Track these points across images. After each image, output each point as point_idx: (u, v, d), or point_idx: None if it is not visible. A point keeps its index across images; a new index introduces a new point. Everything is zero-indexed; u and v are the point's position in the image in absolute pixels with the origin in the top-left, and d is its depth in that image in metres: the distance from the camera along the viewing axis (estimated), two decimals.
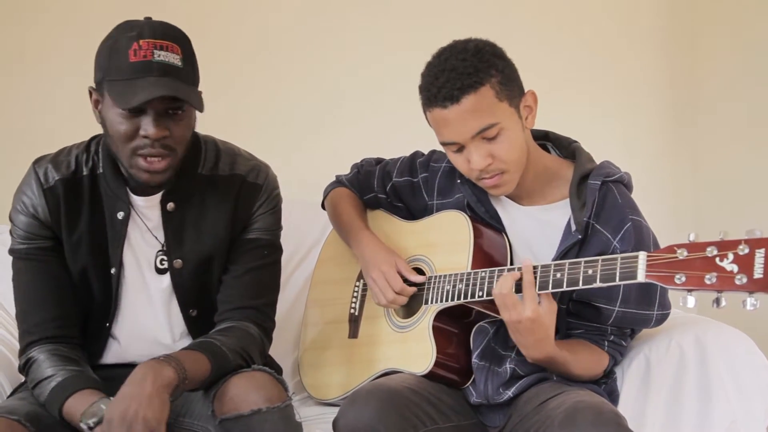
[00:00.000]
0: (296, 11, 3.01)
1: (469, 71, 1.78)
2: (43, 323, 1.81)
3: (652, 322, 1.89)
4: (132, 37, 1.69)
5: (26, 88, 2.84)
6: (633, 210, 1.86)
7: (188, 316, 1.91)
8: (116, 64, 1.69)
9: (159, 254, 1.87)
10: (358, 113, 3.02)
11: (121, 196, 1.83)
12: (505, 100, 1.81)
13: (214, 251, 1.88)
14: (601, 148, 2.09)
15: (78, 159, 1.85)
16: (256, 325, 1.89)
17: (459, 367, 1.95)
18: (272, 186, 1.93)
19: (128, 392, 1.63)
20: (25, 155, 1.91)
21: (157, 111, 1.70)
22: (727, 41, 3.21)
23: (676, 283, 1.55)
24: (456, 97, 1.77)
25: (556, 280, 1.73)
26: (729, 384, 1.92)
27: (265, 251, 1.92)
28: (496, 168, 1.83)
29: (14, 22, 2.83)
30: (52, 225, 1.82)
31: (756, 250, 1.47)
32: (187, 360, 1.72)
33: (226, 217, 1.88)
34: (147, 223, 1.86)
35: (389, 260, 2.00)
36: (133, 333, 1.91)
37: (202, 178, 1.87)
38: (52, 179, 1.82)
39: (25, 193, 1.83)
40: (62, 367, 1.75)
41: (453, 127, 1.81)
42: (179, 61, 1.71)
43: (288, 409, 1.72)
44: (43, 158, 1.86)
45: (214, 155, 1.90)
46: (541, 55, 3.04)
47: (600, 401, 1.75)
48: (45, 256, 1.83)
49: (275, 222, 1.95)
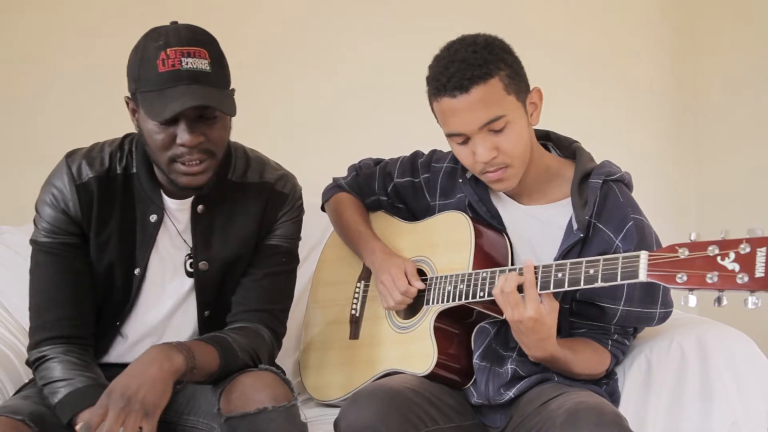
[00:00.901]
0: (296, 14, 3.01)
1: (479, 62, 1.78)
2: (59, 321, 1.81)
3: (655, 320, 1.89)
4: (159, 47, 1.70)
5: (26, 88, 2.84)
6: (634, 209, 1.86)
7: (202, 317, 1.93)
8: (146, 75, 1.70)
9: (188, 258, 1.89)
10: (359, 114, 3.02)
11: (155, 199, 1.85)
12: (512, 93, 1.81)
13: (240, 255, 1.91)
14: (602, 148, 2.09)
15: (112, 157, 1.85)
16: (268, 328, 1.91)
17: (460, 367, 1.95)
18: (297, 196, 1.98)
19: (135, 370, 1.65)
20: (25, 155, 1.91)
21: (190, 118, 1.71)
22: (729, 41, 3.21)
23: (678, 282, 1.55)
24: (465, 87, 1.77)
25: (558, 280, 1.73)
26: (730, 385, 1.92)
27: (284, 258, 1.96)
28: (500, 161, 1.83)
29: (14, 22, 2.83)
30: (81, 221, 1.82)
31: (757, 248, 1.47)
32: (198, 350, 1.74)
33: (253, 223, 1.90)
34: (177, 226, 1.87)
35: (398, 263, 2.01)
36: (142, 332, 1.92)
37: (231, 185, 1.90)
38: (86, 176, 1.82)
39: (56, 186, 1.82)
40: (78, 372, 1.76)
41: (461, 117, 1.80)
42: (208, 66, 1.71)
43: (294, 408, 1.73)
44: (75, 152, 1.85)
45: (243, 162, 1.93)
46: (543, 56, 3.03)
47: (601, 402, 1.75)
48: (68, 252, 1.82)
49: (296, 231, 1.99)
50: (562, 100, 2.96)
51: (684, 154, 3.33)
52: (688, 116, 3.32)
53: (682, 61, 3.31)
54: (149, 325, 1.91)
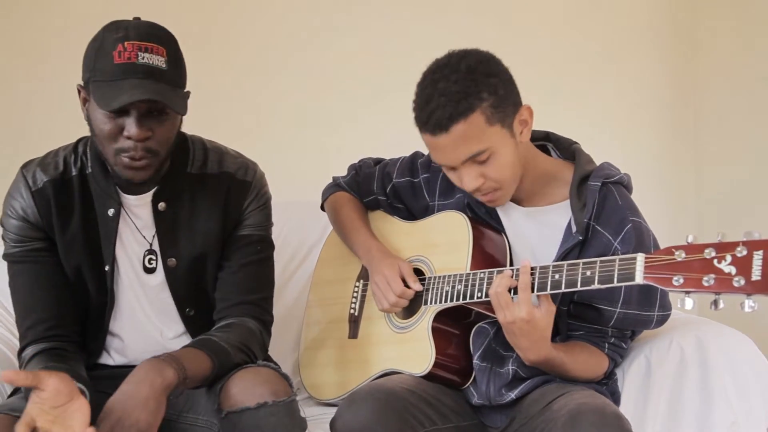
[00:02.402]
0: (290, 9, 3.01)
1: (460, 97, 1.75)
2: (38, 324, 1.82)
3: (653, 323, 1.89)
4: (117, 39, 1.70)
5: (25, 89, 2.84)
6: (633, 211, 1.86)
7: (185, 315, 1.92)
8: (101, 65, 1.70)
9: (147, 254, 1.89)
10: (359, 113, 3.02)
11: (111, 194, 1.84)
12: (496, 123, 1.78)
13: (208, 249, 1.89)
14: (601, 149, 2.09)
15: (66, 160, 1.86)
16: (254, 319, 1.90)
17: (458, 367, 1.95)
18: (261, 183, 1.95)
19: (126, 390, 1.64)
20: (24, 156, 1.92)
21: (140, 112, 1.71)
22: (728, 41, 3.21)
23: (674, 284, 1.54)
24: (445, 126, 1.76)
25: (555, 282, 1.72)
26: (730, 385, 1.92)
27: (258, 246, 1.94)
28: (488, 187, 1.84)
29: (13, 21, 2.83)
30: (43, 226, 1.83)
31: (754, 251, 1.47)
32: (188, 359, 1.73)
33: (217, 215, 1.89)
34: (136, 222, 1.87)
35: (393, 264, 2.00)
36: (133, 330, 1.92)
37: (191, 177, 1.89)
38: (41, 181, 1.83)
39: (14, 198, 1.84)
40: (47, 363, 1.75)
41: (443, 153, 1.81)
42: (164, 63, 1.71)
43: (293, 404, 1.73)
44: (30, 162, 1.87)
45: (202, 154, 1.91)
46: (542, 56, 3.04)
47: (603, 403, 1.74)
48: (38, 257, 1.84)
49: (266, 218, 1.97)
50: (561, 100, 2.96)
51: (683, 155, 3.33)
52: (688, 117, 3.31)
53: (682, 61, 3.30)
54: (136, 322, 1.91)
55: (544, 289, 1.74)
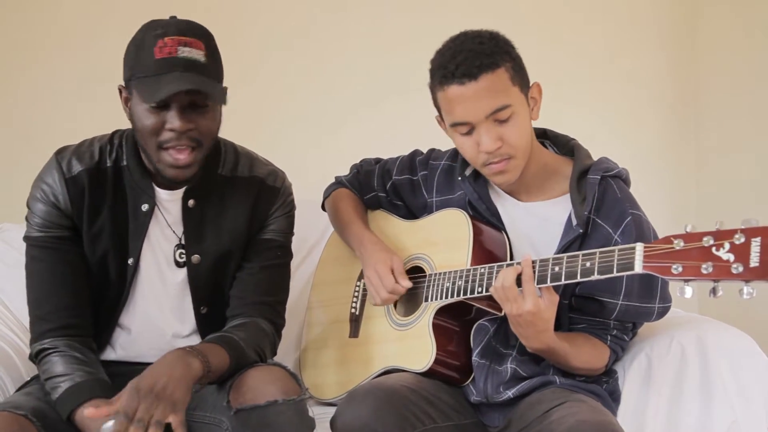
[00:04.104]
0: (290, 10, 3.03)
1: (487, 52, 1.81)
2: (57, 311, 1.83)
3: (654, 315, 1.90)
4: (157, 35, 1.73)
5: (27, 86, 2.86)
6: (632, 204, 1.87)
7: (199, 313, 1.94)
8: (142, 61, 1.74)
9: (177, 249, 1.91)
10: (360, 113, 3.03)
11: (146, 189, 1.87)
12: (517, 85, 1.84)
13: (232, 248, 1.92)
14: (602, 145, 2.10)
15: (102, 150, 1.88)
16: (268, 320, 1.92)
17: (459, 364, 1.95)
18: (288, 191, 2.00)
19: (160, 370, 1.65)
20: (25, 153, 1.92)
21: (182, 105, 1.74)
22: (728, 37, 3.22)
23: (673, 273, 1.54)
24: (474, 75, 1.79)
25: (555, 274, 1.73)
26: (730, 384, 1.92)
27: (278, 252, 1.98)
28: (504, 152, 1.84)
29: (15, 19, 2.86)
30: (72, 214, 1.84)
31: (752, 239, 1.47)
32: (211, 353, 1.75)
33: (245, 216, 1.92)
34: (167, 218, 1.90)
35: (385, 259, 2.01)
36: (143, 324, 1.93)
37: (222, 179, 1.92)
38: (76, 169, 1.85)
39: (45, 182, 1.85)
40: (78, 367, 1.78)
41: (468, 105, 1.82)
42: (203, 57, 1.75)
43: (302, 403, 1.74)
44: (65, 149, 1.89)
45: (233, 157, 1.95)
46: (542, 54, 3.03)
47: (602, 420, 1.73)
48: (61, 245, 1.85)
49: (288, 226, 2.01)
50: (562, 97, 2.96)
51: (684, 151, 3.33)
52: (688, 114, 3.32)
53: (682, 59, 3.31)
54: (148, 317, 1.92)
55: (544, 281, 1.74)
